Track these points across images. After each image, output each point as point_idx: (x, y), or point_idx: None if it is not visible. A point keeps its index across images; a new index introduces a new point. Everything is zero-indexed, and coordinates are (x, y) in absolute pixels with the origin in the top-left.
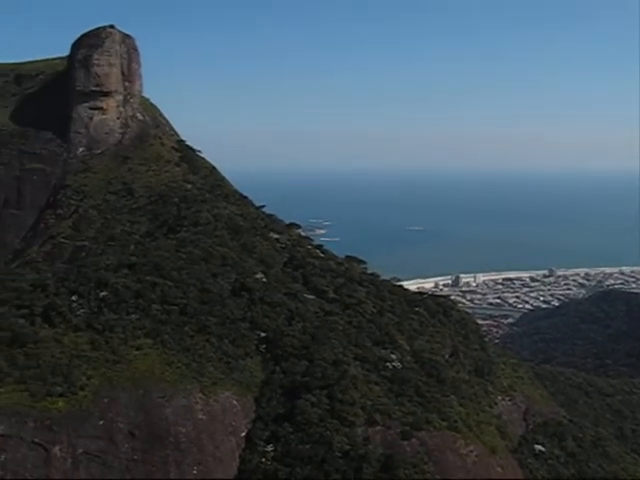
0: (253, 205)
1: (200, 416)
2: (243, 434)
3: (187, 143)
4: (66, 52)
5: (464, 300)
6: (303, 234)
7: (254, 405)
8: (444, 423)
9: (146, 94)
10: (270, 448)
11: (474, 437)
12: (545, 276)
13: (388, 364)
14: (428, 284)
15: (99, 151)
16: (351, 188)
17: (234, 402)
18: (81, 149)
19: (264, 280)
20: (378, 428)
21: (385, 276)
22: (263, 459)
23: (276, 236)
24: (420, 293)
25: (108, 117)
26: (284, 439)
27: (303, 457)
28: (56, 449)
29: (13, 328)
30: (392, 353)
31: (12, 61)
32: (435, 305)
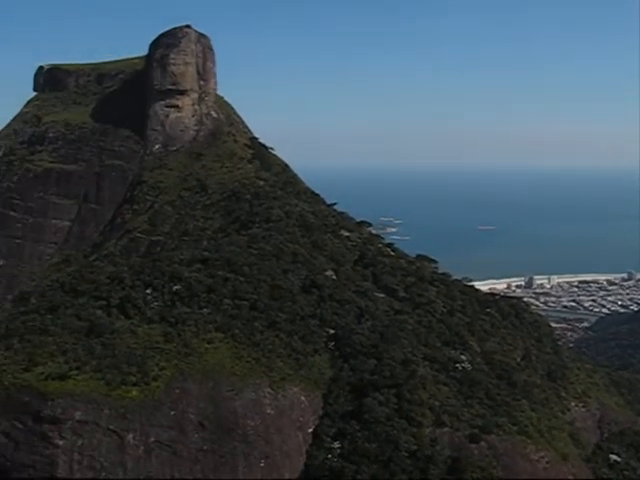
0: (324, 202)
1: (268, 410)
2: (310, 430)
3: (260, 140)
4: (145, 52)
5: (537, 302)
6: (374, 232)
7: (322, 402)
8: (514, 427)
9: (220, 92)
10: (337, 445)
11: (545, 443)
12: (624, 280)
13: (458, 365)
14: (500, 285)
15: (174, 148)
16: (422, 186)
17: (302, 398)
18: (157, 146)
19: (334, 277)
20: (446, 429)
21: (456, 276)
22: (329, 455)
23: (347, 234)
24: (492, 294)
25: (183, 115)
26: (351, 437)
27: (369, 455)
28: (130, 437)
29: (91, 319)
30: (462, 354)
31: (94, 61)
32: (507, 306)
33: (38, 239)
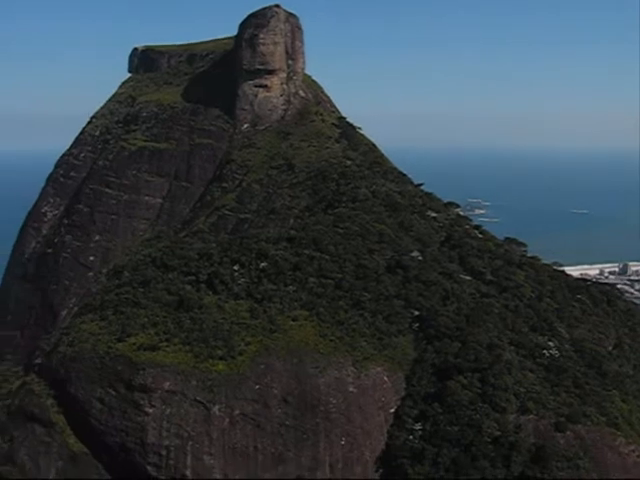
0: (411, 183)
1: (351, 389)
2: (392, 410)
3: (347, 120)
4: (235, 32)
5: (632, 290)
6: (462, 214)
7: (404, 383)
8: (603, 418)
9: (308, 72)
10: (418, 426)
11: (637, 436)
12: None
13: (545, 352)
14: (592, 271)
15: (262, 127)
16: (513, 168)
17: (385, 378)
18: (246, 125)
19: (420, 258)
20: (531, 417)
21: (546, 260)
22: (410, 437)
23: (434, 215)
24: (583, 280)
25: (272, 94)
26: (433, 419)
27: (451, 439)
28: (215, 408)
29: (180, 293)
30: (550, 340)
31: (185, 42)
32: (599, 293)
33: (131, 215)
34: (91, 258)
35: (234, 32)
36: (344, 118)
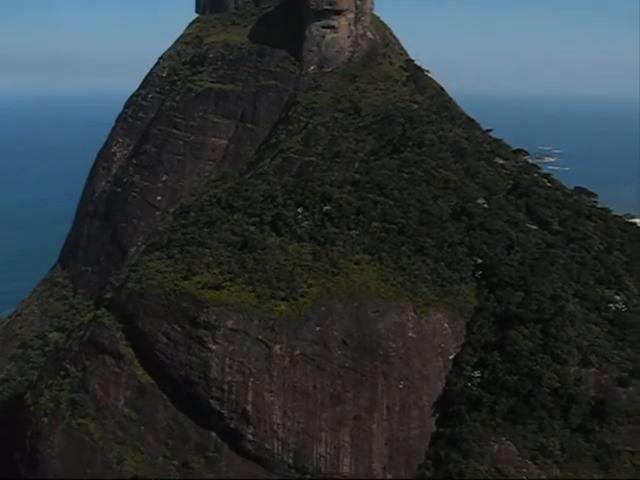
0: (480, 128)
1: (410, 334)
2: (451, 357)
3: (415, 62)
4: None
5: None
6: (530, 161)
7: (464, 330)
8: None
9: (377, 12)
10: (477, 374)
11: None
12: None
13: (611, 305)
14: None
15: (329, 69)
16: (587, 116)
17: (445, 325)
18: (312, 67)
19: (485, 206)
20: (592, 370)
21: (617, 212)
22: (469, 384)
23: (501, 162)
24: None
25: (339, 35)
26: (492, 367)
27: (509, 388)
28: (277, 347)
29: (245, 234)
30: (617, 294)
31: None
32: None
33: (198, 156)
34: (158, 198)
35: None
36: (412, 60)
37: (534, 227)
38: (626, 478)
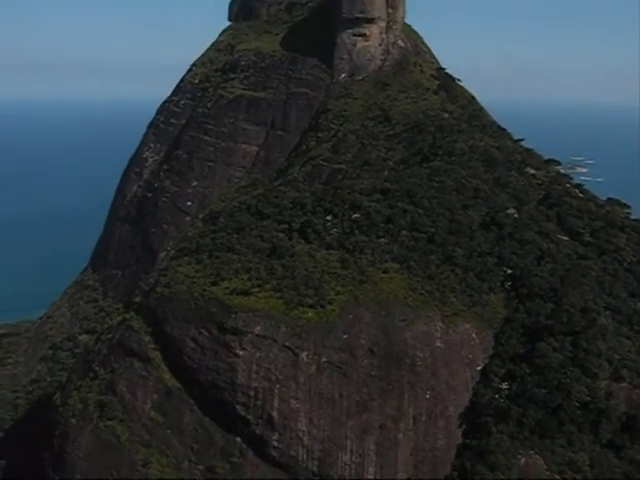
0: (511, 138)
1: (438, 344)
2: (479, 368)
3: (447, 71)
4: None
5: None
6: (562, 171)
7: (493, 341)
8: None
9: (408, 21)
10: (505, 386)
11: None
12: None
13: None
14: None
15: (360, 77)
16: (621, 125)
17: (473, 335)
18: (343, 75)
19: (516, 216)
20: (624, 385)
21: None
22: (497, 395)
23: (532, 171)
24: None
25: (370, 44)
26: (520, 379)
27: (538, 401)
28: (303, 354)
29: (273, 241)
30: None
31: None
32: None
33: (228, 162)
34: (188, 203)
35: None
36: (443, 69)
37: (565, 238)
38: None
